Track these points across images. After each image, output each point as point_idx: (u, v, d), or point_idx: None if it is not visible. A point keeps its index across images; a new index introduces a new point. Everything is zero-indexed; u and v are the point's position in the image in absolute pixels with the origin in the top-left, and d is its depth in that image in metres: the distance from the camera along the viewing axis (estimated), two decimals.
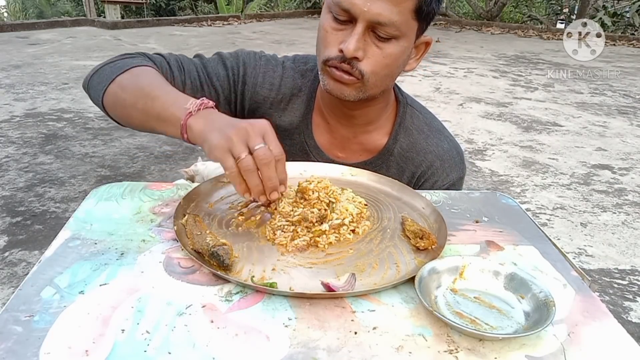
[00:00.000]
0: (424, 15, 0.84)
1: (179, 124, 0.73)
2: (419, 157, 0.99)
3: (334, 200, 0.73)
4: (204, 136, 0.70)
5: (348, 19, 0.82)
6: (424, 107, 1.05)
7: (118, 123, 0.91)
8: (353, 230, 0.71)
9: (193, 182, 1.28)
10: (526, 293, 0.58)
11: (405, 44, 0.85)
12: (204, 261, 0.61)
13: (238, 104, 1.00)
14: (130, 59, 0.89)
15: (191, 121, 0.72)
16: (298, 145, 1.00)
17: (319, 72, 0.90)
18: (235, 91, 0.99)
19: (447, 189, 0.99)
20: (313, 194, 0.73)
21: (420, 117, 1.01)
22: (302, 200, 0.73)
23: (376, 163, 0.99)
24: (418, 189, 0.98)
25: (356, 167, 0.95)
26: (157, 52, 0.96)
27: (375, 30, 0.82)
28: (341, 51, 0.83)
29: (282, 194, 0.71)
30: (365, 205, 0.77)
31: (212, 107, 0.75)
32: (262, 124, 0.69)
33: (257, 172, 0.67)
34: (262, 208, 0.75)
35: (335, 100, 0.93)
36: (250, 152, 0.66)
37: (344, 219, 0.71)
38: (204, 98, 0.76)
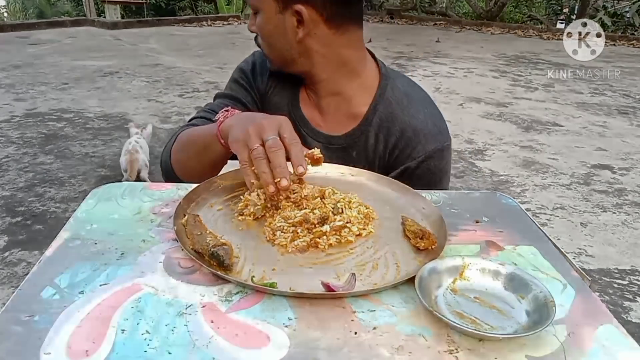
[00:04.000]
0: None
1: (216, 138, 0.85)
2: (394, 127, 1.00)
3: (340, 205, 0.73)
4: (228, 132, 0.79)
5: None
6: (410, 80, 1.08)
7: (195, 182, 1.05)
8: (359, 234, 0.71)
9: None
10: (526, 293, 0.58)
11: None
12: (204, 261, 0.61)
13: (258, 101, 1.11)
14: (174, 135, 1.06)
15: (222, 127, 0.84)
16: (288, 117, 1.04)
17: None
18: (252, 90, 1.10)
19: (424, 161, 0.98)
20: (316, 198, 0.73)
21: (400, 89, 1.03)
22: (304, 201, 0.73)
23: (356, 134, 1.02)
24: (394, 162, 1.00)
25: (338, 139, 1.02)
26: (192, 117, 1.10)
27: None
28: None
29: (302, 179, 0.74)
30: (374, 218, 0.76)
31: (238, 113, 0.87)
32: (279, 118, 0.75)
33: (266, 160, 0.70)
34: (262, 209, 0.75)
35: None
36: (263, 144, 0.71)
37: (347, 222, 0.71)
38: (229, 107, 0.90)
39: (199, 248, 0.63)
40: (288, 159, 0.71)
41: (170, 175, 1.05)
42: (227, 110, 0.88)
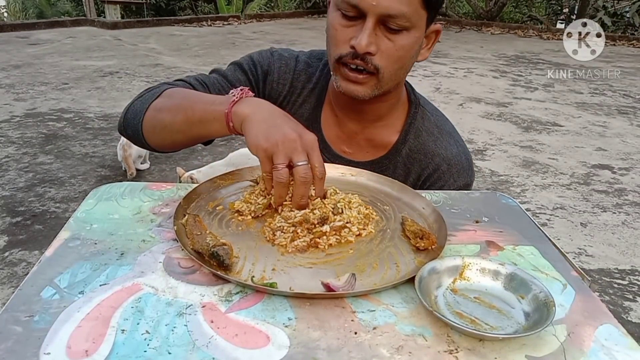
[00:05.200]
0: (433, 4, 0.84)
1: (223, 117, 0.74)
2: (426, 159, 0.98)
3: (340, 205, 0.73)
4: (250, 124, 0.71)
5: (357, 15, 0.81)
6: (436, 109, 1.04)
7: (161, 151, 0.96)
8: (359, 234, 0.71)
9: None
10: (526, 293, 0.58)
11: (417, 34, 0.85)
12: (204, 261, 0.61)
13: None
14: (156, 88, 0.91)
15: (235, 108, 0.73)
16: None
17: (332, 72, 0.90)
18: (257, 91, 1.01)
19: None
20: (317, 198, 0.73)
21: (431, 119, 1.00)
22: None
23: (383, 163, 0.99)
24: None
25: (363, 166, 0.95)
26: (177, 79, 0.98)
27: (386, 23, 0.81)
28: (353, 47, 0.82)
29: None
30: (374, 218, 0.76)
31: (253, 96, 0.77)
32: (311, 140, 0.70)
33: (288, 185, 0.69)
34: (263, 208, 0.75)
35: (346, 96, 0.92)
36: (290, 165, 0.68)
37: (347, 222, 0.70)
38: (244, 87, 0.77)
39: (199, 248, 0.63)
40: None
41: (132, 130, 0.90)
42: (242, 90, 0.76)
